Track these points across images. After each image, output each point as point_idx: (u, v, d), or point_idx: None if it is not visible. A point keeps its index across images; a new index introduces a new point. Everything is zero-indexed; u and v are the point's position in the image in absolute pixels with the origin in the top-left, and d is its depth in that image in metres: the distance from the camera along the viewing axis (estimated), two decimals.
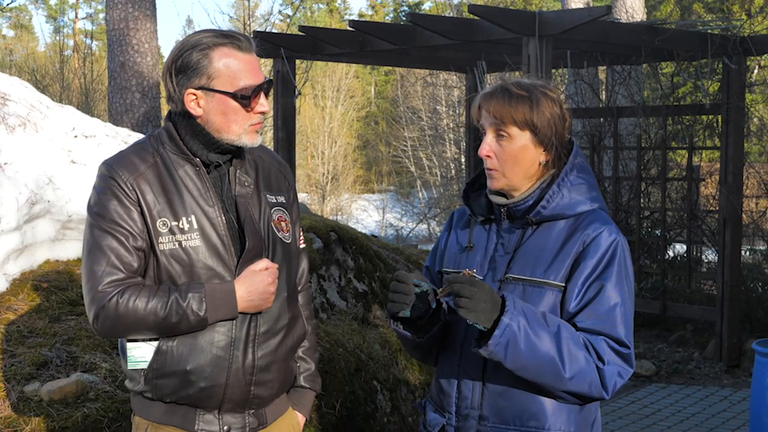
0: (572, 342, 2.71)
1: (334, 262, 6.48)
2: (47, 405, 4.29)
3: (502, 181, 2.89)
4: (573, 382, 2.72)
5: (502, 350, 2.64)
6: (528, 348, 2.65)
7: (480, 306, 2.63)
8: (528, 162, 2.88)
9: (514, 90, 2.84)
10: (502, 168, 2.88)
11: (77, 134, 5.97)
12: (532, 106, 2.83)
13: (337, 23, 47.07)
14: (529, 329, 2.65)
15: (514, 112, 2.83)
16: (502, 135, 2.86)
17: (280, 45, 9.53)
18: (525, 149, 2.86)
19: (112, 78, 11.74)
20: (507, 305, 2.65)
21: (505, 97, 2.84)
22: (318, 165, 35.22)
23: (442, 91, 27.23)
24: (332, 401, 5.45)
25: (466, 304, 2.63)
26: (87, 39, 40.57)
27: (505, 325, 2.63)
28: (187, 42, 2.90)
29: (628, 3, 15.66)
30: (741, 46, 9.32)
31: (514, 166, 2.87)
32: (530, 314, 2.68)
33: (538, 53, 7.56)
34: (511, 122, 2.84)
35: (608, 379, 2.76)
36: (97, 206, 2.88)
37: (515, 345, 2.64)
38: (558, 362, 2.68)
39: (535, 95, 2.84)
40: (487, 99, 2.87)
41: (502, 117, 2.84)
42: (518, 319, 2.64)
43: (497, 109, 2.84)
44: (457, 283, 2.64)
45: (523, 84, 2.87)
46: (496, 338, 2.63)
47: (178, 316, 2.82)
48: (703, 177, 12.04)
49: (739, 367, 9.43)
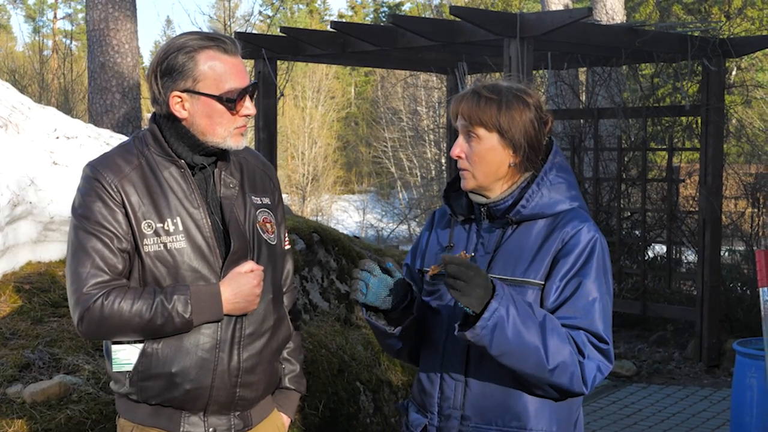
0: (556, 333, 2.72)
1: (316, 263, 6.48)
2: (30, 407, 4.28)
3: (472, 181, 2.92)
4: (555, 374, 2.72)
5: (489, 334, 2.63)
6: (514, 334, 2.64)
7: (475, 291, 2.61)
8: (496, 163, 2.89)
9: (483, 93, 2.88)
10: (472, 168, 2.90)
11: (59, 135, 5.95)
12: (501, 108, 2.85)
13: (318, 24, 46.99)
14: (516, 316, 2.65)
15: (481, 113, 2.86)
16: (471, 136, 2.89)
17: (261, 46, 9.53)
18: (492, 150, 2.88)
19: (92, 78, 11.70)
20: (497, 290, 2.64)
21: (474, 99, 2.88)
22: (298, 166, 35.15)
23: (423, 92, 27.24)
24: (315, 402, 5.45)
25: (461, 287, 2.61)
26: (66, 39, 40.39)
27: (493, 309, 2.62)
28: (172, 44, 2.89)
29: (608, 5, 15.72)
30: (720, 48, 9.37)
31: (482, 167, 2.89)
32: (518, 302, 2.69)
33: (519, 55, 7.58)
34: (478, 123, 2.87)
35: (588, 374, 2.77)
36: (82, 208, 2.88)
37: (502, 330, 2.63)
38: (542, 351, 2.68)
39: (506, 98, 2.86)
40: (459, 101, 2.92)
41: (470, 118, 2.87)
42: (507, 304, 2.64)
43: (465, 111, 2.88)
44: (453, 264, 2.62)
45: (497, 87, 2.90)
46: (485, 321, 2.61)
47: (164, 318, 2.81)
48: (683, 178, 12.08)
49: (719, 367, 9.48)
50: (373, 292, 2.82)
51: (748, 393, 6.01)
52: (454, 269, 2.62)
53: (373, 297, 2.82)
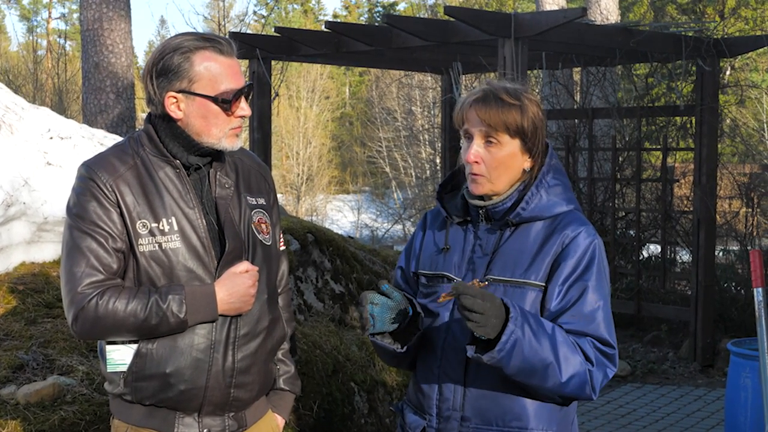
0: (567, 345, 2.73)
1: (311, 263, 6.47)
2: (24, 408, 4.27)
3: (487, 186, 2.90)
4: (569, 385, 2.74)
5: (507, 356, 2.63)
6: (530, 353, 2.65)
7: (491, 321, 2.60)
8: (515, 169, 2.89)
9: (506, 98, 2.84)
10: (489, 174, 2.88)
11: (53, 136, 5.94)
12: (523, 113, 2.84)
13: (312, 24, 46.98)
14: (531, 335, 2.65)
15: (506, 119, 2.83)
16: (491, 141, 2.86)
17: (255, 46, 9.53)
18: (513, 156, 2.87)
19: (86, 78, 11.69)
20: (512, 312, 2.63)
21: (498, 104, 2.84)
22: (293, 166, 35.13)
23: (417, 92, 27.24)
24: (310, 403, 5.45)
25: (478, 319, 2.60)
26: (60, 39, 40.32)
27: (510, 332, 2.61)
28: (168, 45, 2.89)
29: (603, 5, 15.72)
30: (714, 48, 9.38)
31: (501, 173, 2.88)
32: (530, 319, 2.68)
33: (513, 55, 7.58)
34: (503, 130, 2.84)
35: (596, 381, 2.79)
36: (77, 207, 2.87)
37: (519, 351, 2.64)
38: (555, 366, 2.70)
39: (524, 103, 2.85)
40: (479, 105, 2.86)
41: (494, 124, 2.83)
42: (522, 324, 2.64)
43: (490, 116, 2.83)
44: (468, 296, 2.60)
45: (512, 91, 2.87)
46: (503, 344, 2.61)
47: (158, 318, 2.81)
48: (677, 178, 12.10)
49: (713, 367, 9.49)
50: (379, 321, 2.82)
51: (743, 393, 6.01)
52: (469, 302, 2.59)
53: (380, 325, 2.83)
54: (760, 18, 23.77)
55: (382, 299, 2.83)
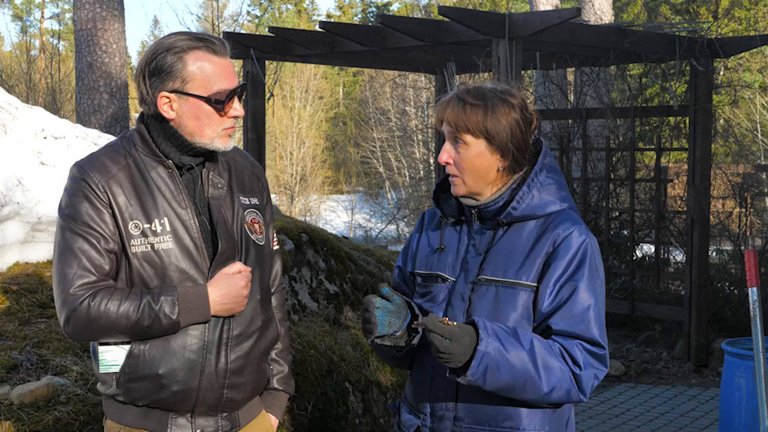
0: (547, 355, 2.73)
1: (305, 263, 6.47)
2: (18, 408, 4.26)
3: (463, 187, 2.91)
4: (552, 394, 2.75)
5: (481, 377, 2.67)
6: (506, 370, 2.67)
7: (458, 359, 2.65)
8: (484, 168, 2.89)
9: (468, 99, 2.85)
10: (461, 174, 2.89)
11: (47, 135, 5.93)
12: (486, 113, 2.84)
13: (306, 24, 46.98)
14: (504, 351, 2.67)
15: (467, 120, 2.84)
16: (458, 142, 2.88)
17: (250, 46, 9.51)
18: (481, 156, 2.87)
19: (79, 78, 11.67)
20: (481, 334, 2.66)
21: (459, 105, 2.85)
22: (286, 166, 35.12)
23: (411, 92, 27.24)
24: (304, 403, 5.44)
25: (445, 358, 2.65)
26: (53, 39, 40.25)
27: (481, 354, 2.64)
28: (161, 44, 2.88)
29: (597, 5, 15.73)
30: (708, 48, 9.39)
31: (471, 173, 2.88)
32: (503, 335, 2.69)
33: (507, 55, 7.58)
34: (464, 130, 2.85)
35: (585, 383, 2.79)
36: (69, 208, 2.86)
37: (493, 370, 2.67)
38: (536, 378, 2.71)
39: (491, 102, 2.85)
40: (444, 107, 2.90)
41: (456, 125, 2.85)
42: (493, 344, 2.66)
43: (451, 117, 2.86)
44: (436, 335, 2.64)
45: (481, 91, 2.87)
46: (474, 368, 2.65)
47: (151, 320, 2.80)
48: (671, 178, 12.11)
49: (707, 367, 9.50)
50: (380, 324, 2.84)
51: (737, 393, 6.01)
52: (437, 341, 2.64)
53: (381, 328, 2.84)
54: (753, 18, 23.82)
55: (383, 303, 2.84)
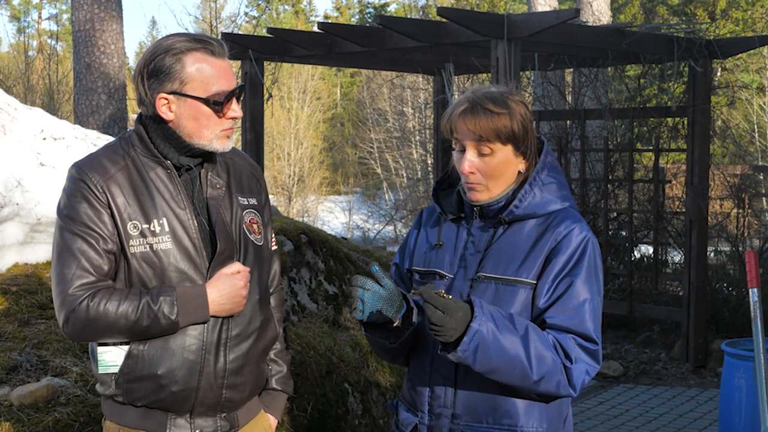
0: (540, 343, 2.74)
1: (304, 264, 6.47)
2: (17, 410, 4.25)
3: (486, 194, 2.91)
4: (541, 384, 2.76)
5: (471, 355, 2.67)
6: (496, 352, 2.68)
7: (449, 333, 2.65)
8: (510, 173, 2.92)
9: (490, 107, 2.84)
10: (486, 182, 2.89)
11: (46, 136, 5.93)
12: (512, 118, 2.85)
13: (303, 25, 46.98)
14: (498, 333, 2.67)
15: (496, 128, 2.83)
16: (484, 151, 2.86)
17: (248, 47, 9.51)
18: (507, 162, 2.89)
19: (77, 79, 11.67)
20: (476, 311, 2.66)
21: (485, 114, 2.84)
22: (284, 167, 35.09)
23: (409, 93, 27.24)
24: (303, 404, 5.44)
25: (437, 330, 2.65)
26: (51, 40, 40.23)
27: (474, 332, 2.65)
28: (159, 46, 2.88)
29: (595, 6, 15.75)
30: (707, 49, 9.40)
31: (497, 179, 2.89)
32: (498, 318, 2.70)
33: (506, 56, 7.59)
34: (494, 138, 2.85)
35: (576, 378, 2.79)
36: (67, 209, 2.87)
37: (484, 350, 2.67)
38: (526, 365, 2.71)
39: (511, 108, 2.86)
40: (467, 116, 2.86)
41: (485, 134, 2.84)
42: (487, 324, 2.66)
43: (480, 127, 2.84)
44: (430, 306, 2.64)
45: (498, 98, 2.87)
46: (465, 344, 2.65)
47: (150, 320, 2.80)
48: (669, 179, 12.12)
49: (705, 368, 9.51)
50: (369, 307, 2.79)
51: (737, 394, 6.02)
52: (429, 312, 2.64)
53: (369, 314, 2.79)
54: (750, 19, 23.83)
55: (375, 286, 2.79)
